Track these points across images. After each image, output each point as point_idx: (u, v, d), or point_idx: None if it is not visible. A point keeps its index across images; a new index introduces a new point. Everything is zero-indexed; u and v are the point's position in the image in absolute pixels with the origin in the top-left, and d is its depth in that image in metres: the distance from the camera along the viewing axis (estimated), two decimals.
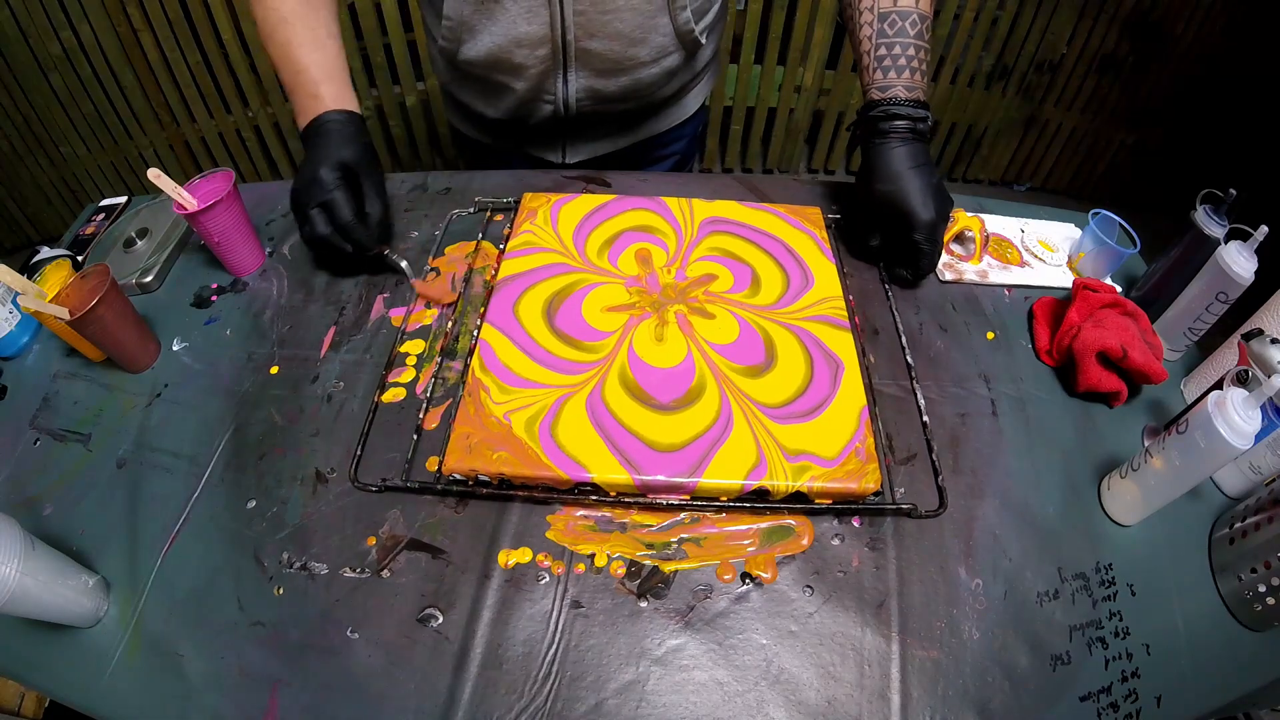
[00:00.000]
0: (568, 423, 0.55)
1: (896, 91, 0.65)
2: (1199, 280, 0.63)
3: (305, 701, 0.46)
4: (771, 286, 0.68)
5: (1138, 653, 0.50)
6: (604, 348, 0.61)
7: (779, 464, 0.53)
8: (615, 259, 0.69)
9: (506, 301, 0.65)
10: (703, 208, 0.75)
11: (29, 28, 1.77)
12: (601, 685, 0.47)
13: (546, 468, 0.53)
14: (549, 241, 0.71)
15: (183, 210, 0.67)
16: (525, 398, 0.57)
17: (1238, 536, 0.53)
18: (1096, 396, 0.63)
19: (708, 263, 0.70)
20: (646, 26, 0.73)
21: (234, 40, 1.89)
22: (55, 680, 0.49)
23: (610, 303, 0.65)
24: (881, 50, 0.66)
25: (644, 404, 0.57)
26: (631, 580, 0.51)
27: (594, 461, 0.53)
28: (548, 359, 0.60)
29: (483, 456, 0.53)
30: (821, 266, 0.70)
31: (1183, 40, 2.01)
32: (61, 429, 0.62)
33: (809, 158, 2.47)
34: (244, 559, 0.53)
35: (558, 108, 0.80)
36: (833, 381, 0.59)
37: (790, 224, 0.74)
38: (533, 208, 0.74)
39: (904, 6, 0.66)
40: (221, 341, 0.67)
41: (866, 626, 0.50)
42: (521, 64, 0.75)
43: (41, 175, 2.08)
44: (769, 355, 0.61)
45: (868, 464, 0.54)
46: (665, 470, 0.53)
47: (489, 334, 0.62)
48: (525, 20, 0.71)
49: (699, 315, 0.64)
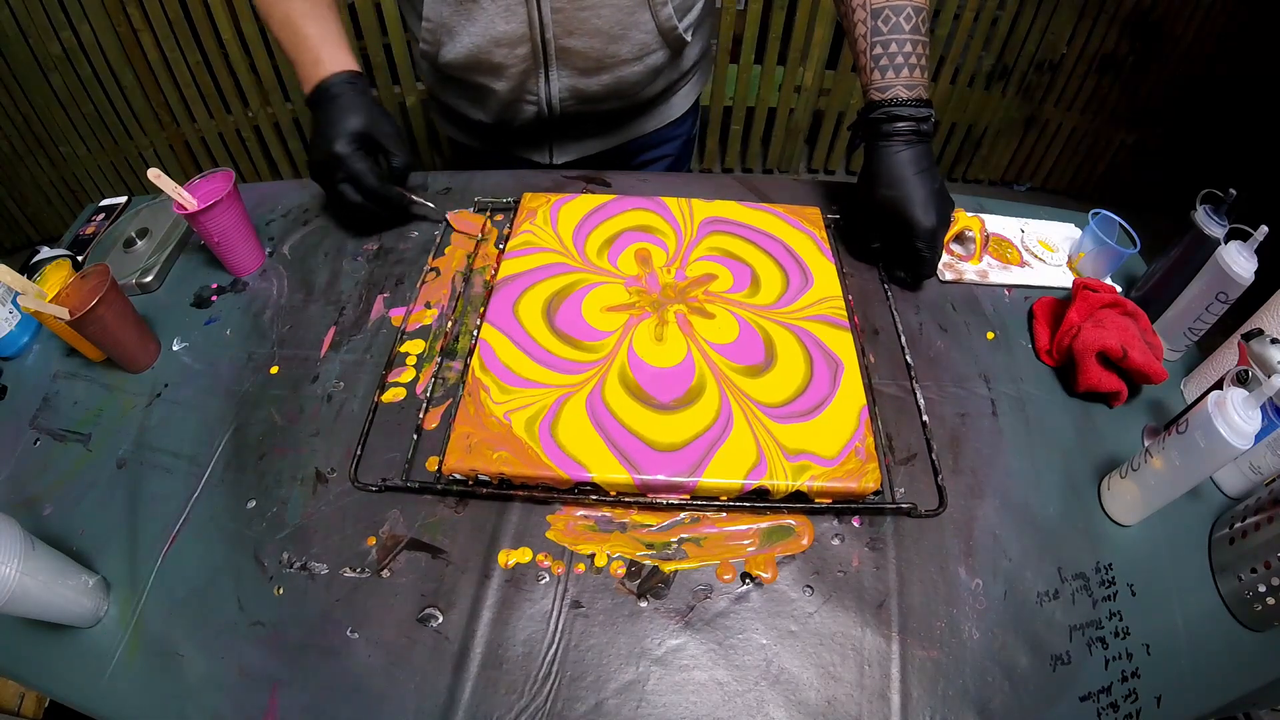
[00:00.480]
0: (568, 422, 0.55)
1: (897, 91, 0.65)
2: (1199, 280, 0.63)
3: (305, 701, 0.46)
4: (771, 286, 0.68)
5: (1138, 653, 0.50)
6: (604, 347, 0.61)
7: (779, 463, 0.54)
8: (615, 259, 0.69)
9: (506, 301, 0.65)
10: (702, 208, 0.75)
11: (29, 28, 1.77)
12: (601, 685, 0.47)
13: (547, 467, 0.53)
14: (549, 241, 0.71)
15: (183, 210, 0.67)
16: (525, 397, 0.57)
17: (1238, 536, 0.53)
18: (1096, 396, 0.63)
19: (707, 263, 0.70)
20: (626, 23, 0.73)
21: (234, 40, 1.89)
22: (55, 680, 0.49)
23: (610, 302, 0.65)
24: (878, 49, 0.65)
25: (644, 403, 0.57)
26: (631, 580, 0.51)
27: (594, 461, 0.53)
28: (547, 359, 0.60)
29: (483, 456, 0.53)
30: (821, 266, 0.70)
31: (1183, 40, 2.01)
32: (61, 429, 0.62)
33: (809, 158, 2.47)
34: (244, 559, 0.53)
35: (541, 108, 0.80)
36: (832, 381, 0.59)
37: (790, 224, 0.74)
38: (532, 208, 0.74)
39: (897, 1, 0.65)
40: (221, 341, 0.67)
41: (866, 626, 0.50)
42: (501, 64, 0.74)
43: (41, 175, 2.08)
44: (769, 355, 0.61)
45: (867, 463, 0.54)
46: (665, 470, 0.53)
47: (489, 334, 0.62)
48: (503, 19, 0.71)
49: (699, 315, 0.64)
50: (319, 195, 0.83)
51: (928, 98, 0.66)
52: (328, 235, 0.78)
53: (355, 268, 0.74)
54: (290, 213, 0.81)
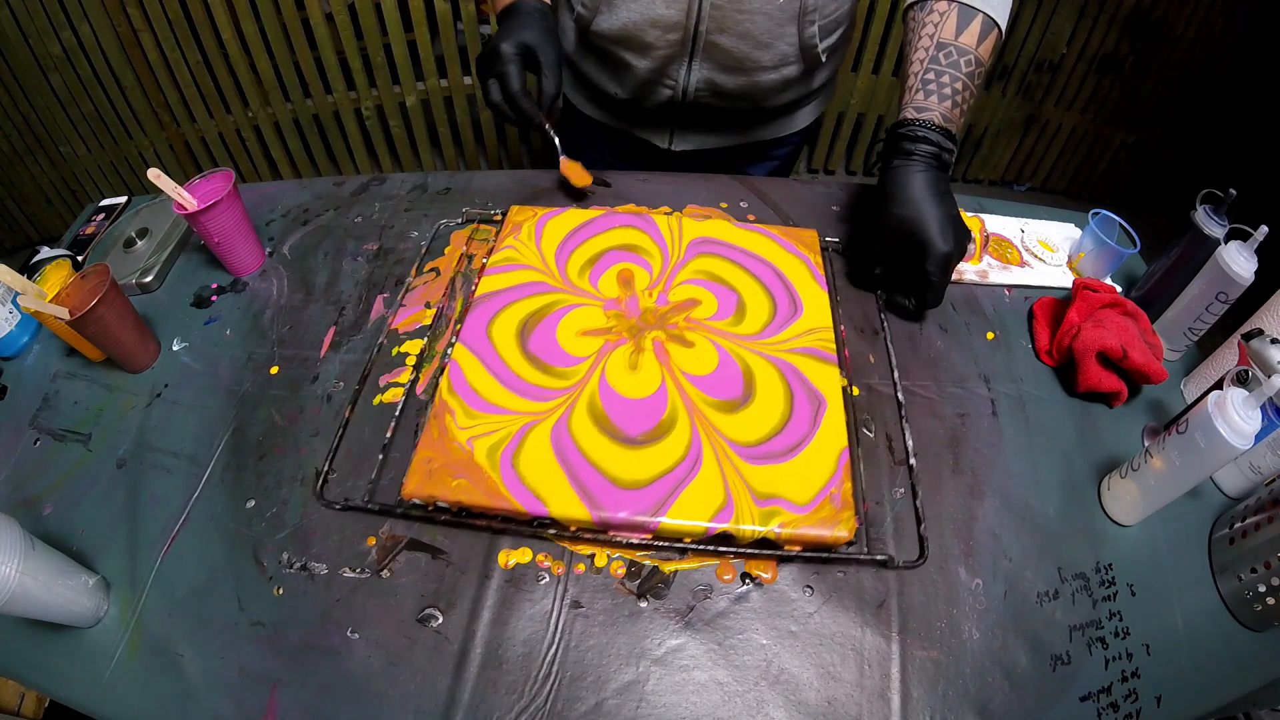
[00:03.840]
0: (530, 452, 0.53)
1: (932, 116, 0.64)
2: (1199, 280, 0.63)
3: (305, 701, 0.46)
4: (757, 314, 0.65)
5: (1138, 653, 0.50)
6: (575, 374, 0.59)
7: (747, 507, 0.51)
8: (596, 279, 0.67)
9: (481, 321, 0.63)
10: (692, 227, 0.73)
11: (29, 28, 1.77)
12: (601, 685, 0.47)
13: (504, 499, 0.51)
14: (530, 258, 0.69)
15: (183, 210, 0.67)
16: (490, 424, 0.55)
17: (1238, 536, 0.53)
18: (1096, 396, 0.63)
19: (692, 287, 0.67)
20: (775, 33, 0.76)
21: (234, 40, 1.89)
22: (55, 680, 0.49)
23: (587, 326, 0.63)
24: (930, 75, 0.66)
25: (611, 437, 0.55)
26: (631, 580, 0.51)
27: (553, 495, 0.51)
28: (516, 384, 0.58)
29: (442, 483, 0.52)
30: (813, 294, 0.66)
31: (1183, 40, 2.01)
32: (61, 429, 0.62)
33: (809, 158, 2.46)
34: (244, 559, 0.53)
35: (676, 94, 0.83)
36: (813, 420, 0.56)
37: (784, 247, 0.71)
38: (518, 221, 0.73)
39: (964, 43, 0.66)
40: (221, 341, 0.67)
41: (866, 626, 0.50)
42: (651, 44, 0.77)
43: (41, 175, 2.08)
44: (747, 389, 0.58)
45: (842, 511, 0.51)
46: (627, 508, 0.51)
47: (460, 354, 0.60)
48: (664, 3, 0.74)
49: (677, 343, 0.62)
50: (319, 195, 0.84)
51: (955, 135, 0.65)
52: (328, 235, 0.78)
53: (355, 268, 0.74)
54: (290, 213, 0.81)
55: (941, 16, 0.66)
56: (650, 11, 0.75)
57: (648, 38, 0.77)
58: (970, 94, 0.66)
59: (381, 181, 0.85)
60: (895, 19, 2.05)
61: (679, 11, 0.74)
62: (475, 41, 1.97)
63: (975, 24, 0.66)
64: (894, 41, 2.08)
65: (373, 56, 1.98)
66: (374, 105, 2.10)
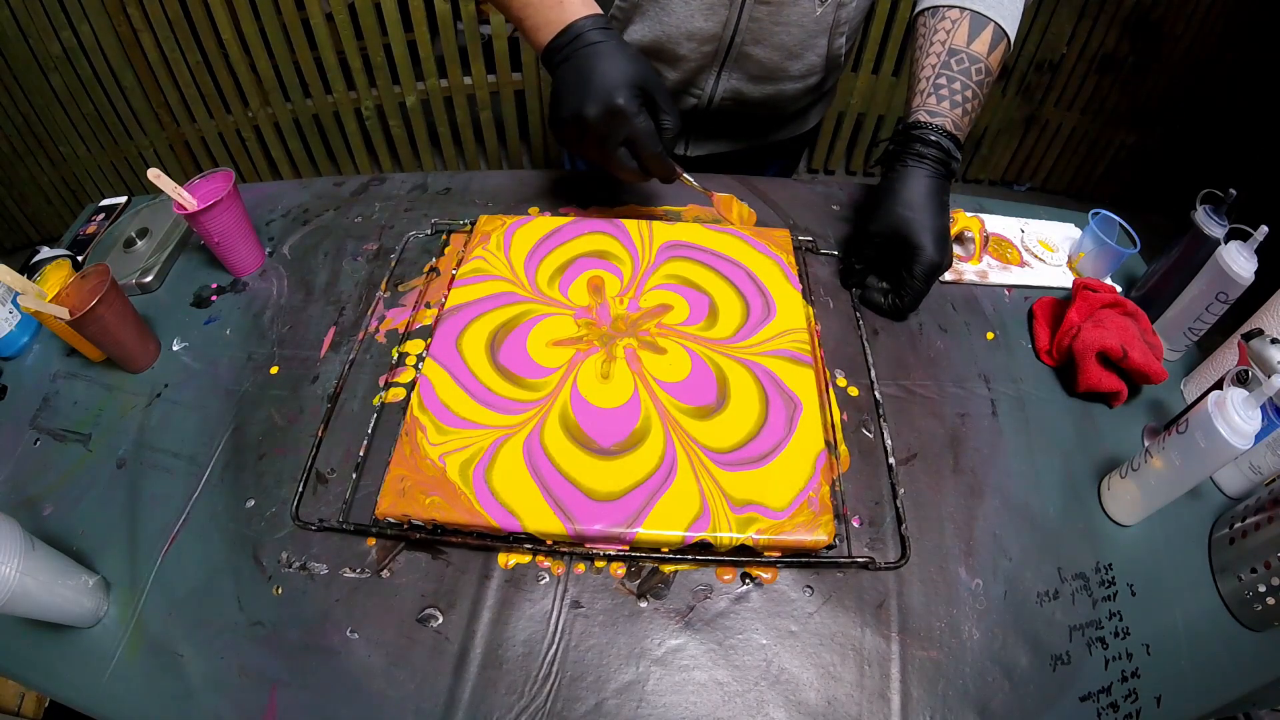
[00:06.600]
0: (503, 467, 0.53)
1: (944, 121, 0.64)
2: (1199, 280, 0.63)
3: (305, 702, 0.46)
4: (730, 317, 0.64)
5: (1138, 653, 0.50)
6: (546, 385, 0.58)
7: (723, 515, 0.50)
8: (566, 288, 0.66)
9: (450, 334, 0.62)
10: (663, 231, 0.71)
11: (29, 28, 1.77)
12: (601, 685, 0.47)
13: (478, 515, 0.50)
14: (499, 269, 0.68)
15: (183, 210, 0.67)
16: (462, 439, 0.54)
17: (1238, 536, 0.53)
18: (1096, 396, 0.63)
19: (663, 292, 0.66)
20: (806, 44, 0.75)
21: (234, 40, 1.89)
22: (55, 680, 0.49)
23: (557, 336, 0.62)
24: (941, 79, 0.65)
25: (584, 448, 0.54)
26: (631, 580, 0.51)
27: (527, 510, 0.51)
28: (487, 397, 0.57)
29: (415, 501, 0.51)
30: (786, 295, 0.66)
31: (1183, 40, 2.01)
32: (61, 429, 0.62)
33: (809, 158, 2.46)
34: (243, 559, 0.53)
35: (700, 103, 0.81)
36: (788, 424, 0.56)
37: (755, 248, 0.70)
38: (486, 231, 0.71)
39: (975, 51, 0.65)
40: (221, 341, 0.67)
41: (866, 626, 0.50)
42: (684, 56, 0.75)
43: (41, 175, 2.08)
44: (721, 395, 0.58)
45: (821, 515, 0.51)
46: (602, 520, 0.50)
47: (430, 369, 0.59)
48: (703, 16, 0.71)
49: (649, 350, 0.61)
50: (319, 195, 0.84)
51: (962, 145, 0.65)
52: (328, 235, 0.78)
53: (355, 268, 0.74)
54: (290, 213, 0.81)
55: (954, 23, 0.66)
56: (688, 24, 0.71)
57: (681, 50, 0.74)
58: (979, 102, 0.67)
59: (381, 181, 0.85)
60: (895, 19, 2.06)
61: (717, 24, 0.72)
62: (475, 42, 1.98)
63: (987, 33, 0.66)
64: (894, 42, 2.09)
65: (373, 56, 1.98)
66: (374, 105, 2.11)
